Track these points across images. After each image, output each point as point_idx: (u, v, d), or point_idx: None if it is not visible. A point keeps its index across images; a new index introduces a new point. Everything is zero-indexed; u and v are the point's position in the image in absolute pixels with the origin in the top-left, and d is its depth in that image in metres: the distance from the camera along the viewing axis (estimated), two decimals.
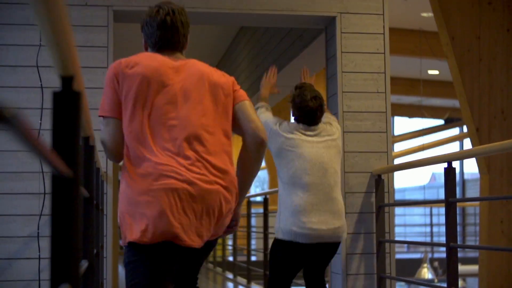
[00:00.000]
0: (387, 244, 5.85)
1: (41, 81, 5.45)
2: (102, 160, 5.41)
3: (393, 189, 6.02)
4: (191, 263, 3.32)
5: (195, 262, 3.34)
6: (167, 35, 3.23)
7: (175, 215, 2.96)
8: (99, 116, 3.11)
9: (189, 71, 3.16)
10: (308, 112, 4.77)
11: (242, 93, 3.27)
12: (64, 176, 1.52)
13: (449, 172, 4.67)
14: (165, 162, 2.98)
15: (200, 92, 3.13)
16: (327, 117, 5.02)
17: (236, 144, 17.51)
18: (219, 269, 12.83)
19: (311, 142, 4.75)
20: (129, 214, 2.99)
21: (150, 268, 3.01)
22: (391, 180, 5.95)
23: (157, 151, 3.00)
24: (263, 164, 20.93)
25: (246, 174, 3.27)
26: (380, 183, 5.85)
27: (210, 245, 3.25)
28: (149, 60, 3.11)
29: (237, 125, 3.24)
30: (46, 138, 5.27)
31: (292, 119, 4.96)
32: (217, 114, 3.15)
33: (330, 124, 4.92)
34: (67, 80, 1.58)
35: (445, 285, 4.75)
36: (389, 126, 6.01)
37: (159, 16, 3.23)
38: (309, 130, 4.78)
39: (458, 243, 4.67)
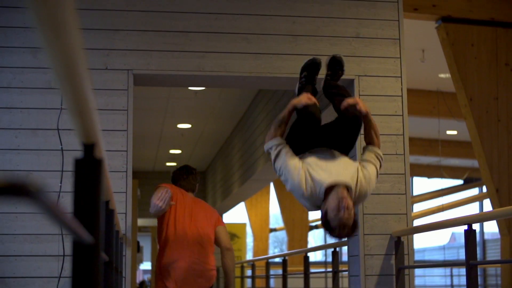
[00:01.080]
0: None
1: (61, 144, 5.49)
2: (121, 222, 5.42)
3: (413, 251, 5.97)
4: None
5: None
6: (187, 185, 5.90)
7: None
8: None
9: (202, 206, 5.81)
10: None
11: (222, 224, 5.89)
12: (85, 242, 1.53)
13: (470, 235, 4.63)
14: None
15: (205, 219, 5.73)
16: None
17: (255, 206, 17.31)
18: None
19: None
20: None
21: None
22: (410, 242, 5.90)
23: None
24: (282, 224, 20.79)
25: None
26: (399, 245, 5.81)
27: None
28: (184, 195, 5.79)
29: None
30: (66, 200, 5.30)
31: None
32: (211, 231, 5.75)
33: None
34: (89, 148, 1.60)
35: None
36: (408, 188, 5.98)
37: (184, 175, 5.93)
38: None
39: None
